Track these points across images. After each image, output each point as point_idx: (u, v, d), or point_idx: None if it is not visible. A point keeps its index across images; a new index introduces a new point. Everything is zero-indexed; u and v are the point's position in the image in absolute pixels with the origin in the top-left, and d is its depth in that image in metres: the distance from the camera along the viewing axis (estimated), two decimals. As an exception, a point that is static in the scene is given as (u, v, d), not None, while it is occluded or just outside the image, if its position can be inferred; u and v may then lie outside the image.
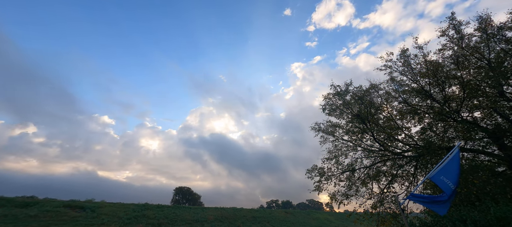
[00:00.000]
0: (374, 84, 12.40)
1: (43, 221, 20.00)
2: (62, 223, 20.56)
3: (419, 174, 11.75)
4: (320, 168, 12.88)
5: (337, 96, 13.10)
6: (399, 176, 12.26)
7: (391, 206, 11.55)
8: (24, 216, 19.93)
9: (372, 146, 12.56)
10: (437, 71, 10.46)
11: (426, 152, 10.25)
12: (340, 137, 13.25)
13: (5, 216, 19.30)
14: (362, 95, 12.39)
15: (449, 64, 10.88)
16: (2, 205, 21.00)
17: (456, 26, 10.34)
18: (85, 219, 22.38)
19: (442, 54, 10.98)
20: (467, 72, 10.57)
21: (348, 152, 13.03)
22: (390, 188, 12.02)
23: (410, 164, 12.09)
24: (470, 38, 10.43)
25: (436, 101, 11.01)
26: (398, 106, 12.46)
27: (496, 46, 10.13)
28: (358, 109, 12.32)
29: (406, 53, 11.49)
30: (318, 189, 12.47)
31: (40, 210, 21.71)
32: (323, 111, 13.44)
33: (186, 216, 29.21)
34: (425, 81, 11.00)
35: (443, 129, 11.40)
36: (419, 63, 11.15)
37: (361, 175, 12.52)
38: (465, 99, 10.18)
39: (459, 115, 10.52)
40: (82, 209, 24.21)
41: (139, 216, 25.89)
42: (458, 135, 11.21)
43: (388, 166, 12.61)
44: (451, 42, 10.67)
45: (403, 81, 12.03)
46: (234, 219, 32.69)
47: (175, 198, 59.83)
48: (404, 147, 12.09)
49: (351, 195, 12.10)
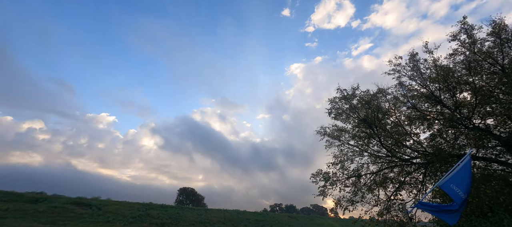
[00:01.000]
0: (382, 89, 12.19)
1: (51, 217, 20.48)
2: (69, 220, 20.99)
3: (428, 182, 11.42)
4: (325, 173, 12.69)
5: (344, 100, 12.93)
6: (407, 183, 11.94)
7: (398, 214, 11.23)
8: (33, 212, 20.47)
9: (379, 152, 12.29)
10: (448, 76, 10.19)
11: (435, 159, 9.95)
12: (346, 141, 13.04)
13: (15, 211, 19.86)
14: (369, 99, 12.19)
15: (461, 69, 10.59)
16: (13, 200, 21.64)
17: (468, 30, 10.08)
18: (91, 216, 22.79)
19: (453, 59, 10.71)
20: (480, 78, 10.25)
21: (354, 157, 12.80)
22: (397, 195, 11.71)
23: (418, 171, 11.77)
24: (482, 43, 10.13)
25: (447, 107, 10.71)
26: (406, 112, 12.19)
27: (510, 51, 9.81)
28: (365, 114, 12.11)
29: (415, 58, 11.27)
30: (322, 194, 12.28)
31: (49, 206, 22.25)
32: (329, 115, 13.28)
33: (190, 217, 29.30)
34: (435, 86, 10.73)
35: (453, 136, 11.07)
36: (429, 68, 10.90)
37: (367, 181, 12.27)
38: (477, 106, 9.87)
39: (470, 122, 10.19)
40: (89, 207, 24.67)
41: (143, 215, 26.16)
42: (470, 142, 10.84)
43: (396, 173, 12.31)
44: (462, 47, 10.40)
45: (412, 86, 11.78)
46: (237, 221, 32.57)
47: (179, 199, 60.19)
48: (413, 154, 11.78)
49: (356, 201, 11.85)
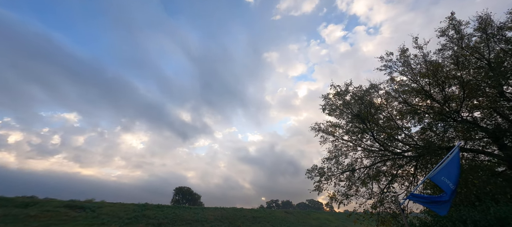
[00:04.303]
0: (374, 84, 12.40)
1: (43, 221, 20.01)
2: (62, 223, 20.57)
3: (419, 174, 11.76)
4: (320, 168, 12.87)
5: (337, 96, 13.10)
6: (399, 176, 12.27)
7: (391, 206, 11.55)
8: (24, 216, 19.94)
9: (372, 146, 12.56)
10: (437, 71, 10.46)
11: (426, 152, 10.25)
12: (340, 137, 13.24)
13: (5, 216, 19.30)
14: (362, 95, 12.39)
15: (449, 64, 10.89)
16: (3, 205, 21.00)
17: (456, 26, 10.34)
18: (85, 219, 22.40)
19: (442, 54, 10.99)
20: (467, 72, 10.56)
21: (348, 152, 13.03)
22: (390, 188, 12.02)
23: (410, 164, 12.10)
24: (470, 38, 10.43)
25: (436, 101, 11.01)
26: (398, 106, 12.46)
27: (496, 46, 10.14)
28: (358, 109, 12.31)
29: (405, 53, 11.49)
30: (318, 189, 12.47)
31: (40, 210, 21.71)
32: (323, 112, 13.44)
33: (186, 216, 29.22)
34: (425, 81, 11.00)
35: (443, 129, 11.41)
36: (419, 63, 11.15)
37: (361, 175, 12.52)
38: (465, 100, 10.19)
39: (459, 115, 10.52)
40: (82, 209, 24.23)
41: (139, 216, 25.92)
42: (458, 135, 11.22)
43: (388, 166, 12.61)
44: (451, 42, 10.67)
45: (403, 81, 12.04)
46: (234, 219, 32.70)
47: (175, 198, 59.85)
48: (404, 147, 12.09)
49: (351, 195, 12.10)
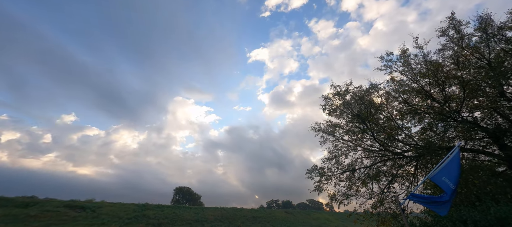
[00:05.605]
0: (374, 84, 12.40)
1: (43, 221, 20.02)
2: (63, 223, 20.59)
3: (419, 174, 11.75)
4: (320, 168, 12.87)
5: (337, 96, 13.10)
6: (399, 176, 12.25)
7: (391, 206, 11.54)
8: (24, 216, 19.96)
9: (372, 146, 12.55)
10: (437, 71, 10.45)
11: (426, 152, 10.24)
12: (340, 137, 13.23)
13: (5, 216, 19.31)
14: (362, 95, 12.39)
15: (449, 64, 10.88)
16: (3, 205, 21.01)
17: (456, 26, 10.33)
18: (86, 219, 22.42)
19: (442, 54, 10.98)
20: (467, 72, 10.55)
21: (348, 152, 13.01)
22: (390, 188, 12.02)
23: (410, 164, 12.09)
24: (470, 38, 10.41)
25: (436, 101, 11.00)
26: (398, 106, 12.45)
27: (496, 46, 10.12)
28: (358, 109, 12.31)
29: (406, 53, 11.49)
30: (318, 189, 12.46)
31: (40, 210, 21.73)
32: (323, 112, 13.44)
33: (187, 216, 29.23)
34: (425, 81, 10.99)
35: (443, 129, 11.39)
36: (419, 63, 11.14)
37: (361, 175, 12.51)
38: (465, 99, 10.17)
39: (459, 115, 10.51)
40: (83, 209, 24.24)
41: (139, 216, 25.93)
42: (458, 135, 11.20)
43: (388, 166, 12.60)
44: (451, 42, 10.66)
45: (403, 81, 12.02)
46: (234, 219, 32.71)
47: (175, 198, 59.88)
48: (404, 147, 12.08)
49: (351, 195, 12.09)
